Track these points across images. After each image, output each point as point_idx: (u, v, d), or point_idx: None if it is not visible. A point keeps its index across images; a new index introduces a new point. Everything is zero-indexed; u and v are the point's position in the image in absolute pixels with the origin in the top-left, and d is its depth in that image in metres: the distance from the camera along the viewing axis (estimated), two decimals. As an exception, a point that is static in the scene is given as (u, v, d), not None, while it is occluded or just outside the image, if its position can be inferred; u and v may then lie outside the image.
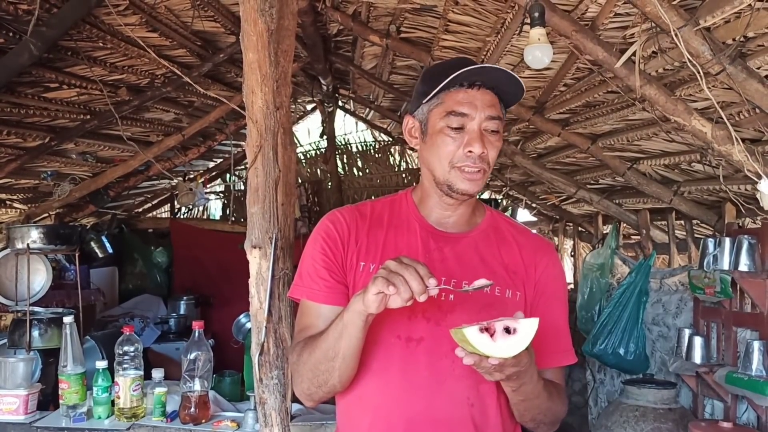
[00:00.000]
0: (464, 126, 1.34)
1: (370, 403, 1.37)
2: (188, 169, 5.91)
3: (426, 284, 1.13)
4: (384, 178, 6.60)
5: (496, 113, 1.35)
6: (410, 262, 1.15)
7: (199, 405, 2.42)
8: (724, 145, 2.39)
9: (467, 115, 1.33)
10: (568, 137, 3.57)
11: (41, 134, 3.67)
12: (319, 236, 1.42)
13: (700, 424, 2.67)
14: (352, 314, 1.21)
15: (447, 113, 1.34)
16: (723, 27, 1.98)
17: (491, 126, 1.34)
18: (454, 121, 1.34)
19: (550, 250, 1.51)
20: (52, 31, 2.63)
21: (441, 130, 1.35)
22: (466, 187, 1.36)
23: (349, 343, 1.25)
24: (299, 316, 1.43)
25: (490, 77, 1.34)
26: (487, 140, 1.34)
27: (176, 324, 4.92)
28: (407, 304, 1.14)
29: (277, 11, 2.08)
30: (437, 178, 1.39)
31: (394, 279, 1.13)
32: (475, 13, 2.88)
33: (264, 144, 2.08)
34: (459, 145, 1.34)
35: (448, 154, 1.35)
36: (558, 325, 1.42)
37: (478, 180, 1.35)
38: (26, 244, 3.19)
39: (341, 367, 1.28)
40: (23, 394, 2.52)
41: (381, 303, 1.16)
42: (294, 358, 1.38)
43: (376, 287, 1.14)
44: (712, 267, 2.81)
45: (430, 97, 1.37)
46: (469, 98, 1.34)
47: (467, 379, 1.34)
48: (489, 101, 1.35)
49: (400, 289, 1.12)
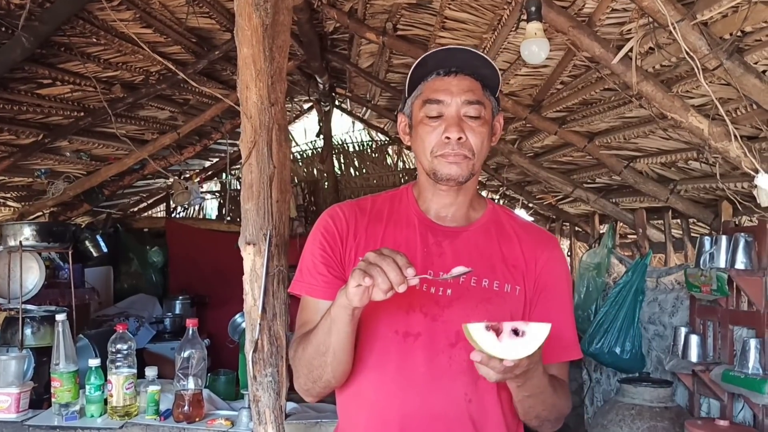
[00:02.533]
0: (442, 113, 1.33)
1: (367, 399, 1.36)
2: (184, 168, 5.90)
3: (404, 274, 1.11)
4: (381, 178, 6.59)
5: (474, 98, 1.34)
6: (389, 253, 1.13)
7: (193, 403, 2.40)
8: (720, 142, 2.38)
9: (442, 102, 1.33)
10: (564, 136, 3.57)
11: (34, 131, 3.65)
12: (318, 232, 1.42)
13: (697, 422, 2.66)
14: (338, 308, 1.20)
15: (424, 102, 1.35)
16: (720, 22, 1.97)
17: (471, 111, 1.33)
18: (431, 110, 1.34)
19: (552, 245, 1.48)
20: (44, 26, 2.61)
21: (421, 120, 1.36)
22: (449, 171, 1.34)
23: (338, 337, 1.24)
24: (299, 312, 1.42)
25: (461, 61, 1.34)
26: (467, 126, 1.33)
27: (171, 324, 4.89)
28: (388, 295, 1.12)
29: (272, 6, 2.06)
30: (425, 168, 1.39)
31: (372, 270, 1.11)
32: (471, 10, 2.87)
33: (258, 140, 2.06)
34: (439, 133, 1.33)
35: (429, 144, 1.35)
36: (561, 319, 1.39)
37: (461, 163, 1.34)
38: (19, 241, 3.16)
39: (333, 362, 1.27)
40: (15, 393, 2.49)
41: (363, 295, 1.14)
42: (292, 354, 1.37)
43: (354, 280, 1.12)
44: (709, 265, 2.80)
45: (413, 91, 1.39)
46: (445, 85, 1.34)
47: (465, 376, 1.32)
48: (466, 86, 1.34)
49: (377, 280, 1.10)
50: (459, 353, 1.31)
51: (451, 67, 1.35)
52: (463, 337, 1.13)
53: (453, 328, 1.31)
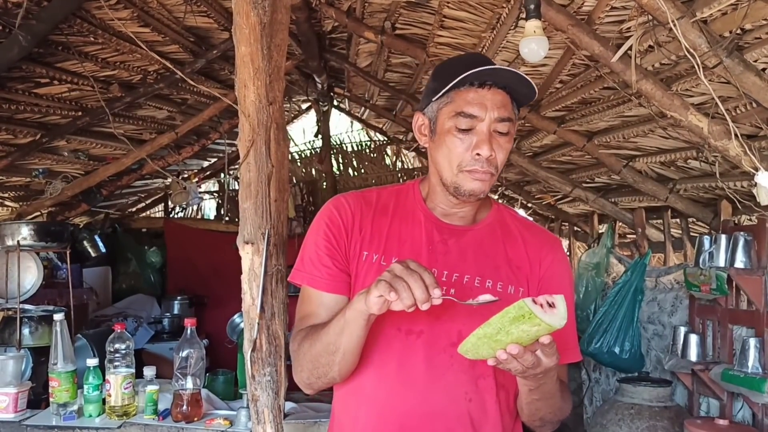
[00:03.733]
0: (473, 127, 1.29)
1: (367, 395, 1.35)
2: (182, 168, 5.88)
3: (430, 293, 1.10)
4: (379, 178, 6.58)
5: (506, 114, 1.30)
6: (417, 268, 1.12)
7: (192, 403, 2.39)
8: (720, 141, 2.38)
9: (476, 117, 1.28)
10: (563, 135, 3.56)
11: (32, 131, 3.63)
12: (323, 222, 1.40)
13: (696, 421, 2.65)
14: (354, 312, 1.20)
15: (456, 113, 1.30)
16: (720, 19, 1.97)
17: (501, 128, 1.30)
18: (462, 123, 1.29)
19: (556, 246, 1.48)
20: (41, 25, 2.60)
21: (449, 130, 1.31)
22: (474, 187, 1.32)
23: (350, 339, 1.23)
24: (300, 303, 1.41)
25: (501, 77, 1.30)
26: (496, 142, 1.30)
27: (170, 324, 4.88)
28: (409, 310, 1.12)
29: (270, 4, 2.06)
30: (444, 179, 1.35)
31: (398, 284, 1.10)
32: (470, 9, 2.87)
33: (256, 138, 2.05)
34: (467, 147, 1.29)
35: (456, 157, 1.31)
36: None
37: (486, 181, 1.32)
38: (16, 241, 3.15)
39: (341, 362, 1.27)
40: (13, 392, 2.48)
41: (383, 306, 1.14)
42: (294, 347, 1.36)
43: (378, 290, 1.11)
44: (708, 264, 2.80)
45: (440, 95, 1.32)
46: (479, 98, 1.29)
47: (466, 374, 1.32)
48: (500, 101, 1.29)
49: (402, 296, 1.09)
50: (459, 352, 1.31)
51: (486, 79, 1.29)
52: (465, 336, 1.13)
53: (455, 328, 1.32)
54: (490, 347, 1.09)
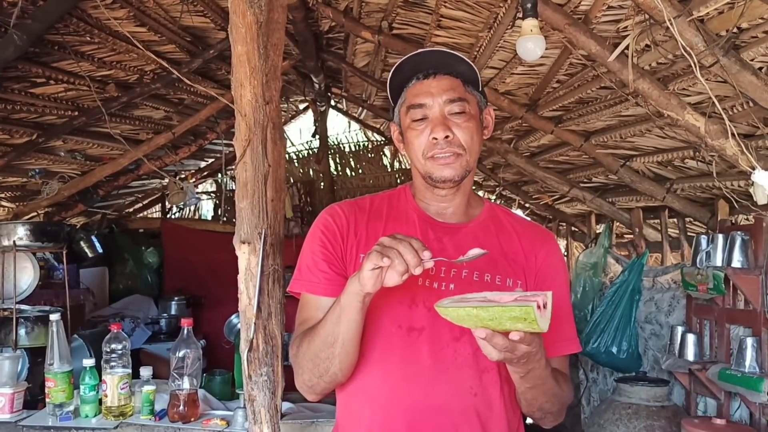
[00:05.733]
0: (426, 116, 1.37)
1: (370, 394, 1.35)
2: (179, 168, 5.87)
3: (421, 257, 1.11)
4: (377, 178, 6.57)
5: (456, 95, 1.37)
6: (404, 237, 1.14)
7: (188, 403, 2.39)
8: (717, 140, 2.38)
9: (425, 104, 1.37)
10: (561, 134, 3.56)
11: (28, 131, 3.62)
12: (318, 230, 1.43)
13: (693, 421, 2.65)
14: (349, 296, 1.21)
15: (408, 108, 1.39)
16: (716, 18, 1.97)
17: (454, 108, 1.37)
18: (416, 113, 1.37)
19: (549, 239, 1.52)
20: (37, 24, 2.59)
21: (408, 125, 1.40)
22: (443, 174, 1.37)
23: (348, 326, 1.23)
24: (299, 310, 1.42)
25: (436, 62, 1.38)
26: (453, 123, 1.36)
27: (167, 324, 4.89)
28: (403, 278, 1.13)
29: (267, 4, 2.06)
30: (420, 171, 1.41)
31: (389, 252, 1.12)
32: (467, 8, 2.86)
33: (253, 138, 2.05)
34: (426, 135, 1.37)
35: (419, 146, 1.38)
36: (560, 313, 1.39)
37: (453, 164, 1.36)
38: (13, 241, 3.14)
39: (341, 353, 1.27)
40: (9, 393, 2.48)
41: (377, 279, 1.15)
42: (294, 351, 1.36)
43: (371, 262, 1.13)
44: (705, 264, 2.80)
45: (398, 99, 1.43)
46: (425, 88, 1.37)
47: (470, 369, 1.33)
48: (446, 85, 1.37)
49: (394, 262, 1.11)
50: (464, 347, 1.32)
51: (428, 69, 1.38)
52: (467, 331, 1.13)
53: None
54: (474, 324, 1.09)
